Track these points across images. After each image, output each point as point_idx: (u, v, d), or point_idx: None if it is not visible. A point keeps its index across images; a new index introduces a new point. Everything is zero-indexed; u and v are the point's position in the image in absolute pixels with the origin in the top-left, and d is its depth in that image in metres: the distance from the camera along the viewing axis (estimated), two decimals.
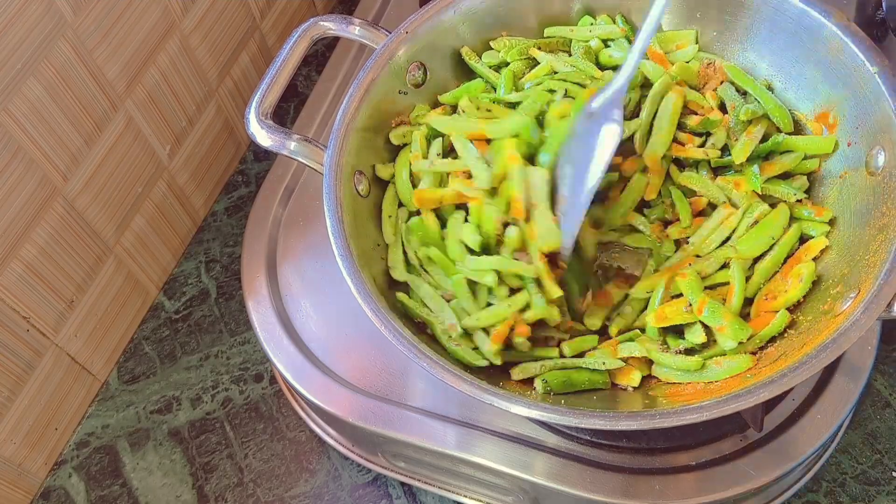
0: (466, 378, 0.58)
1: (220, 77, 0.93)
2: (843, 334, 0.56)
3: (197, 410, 0.84)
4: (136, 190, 0.85)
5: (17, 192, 0.71)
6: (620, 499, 0.66)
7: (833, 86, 0.69)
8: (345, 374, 0.74)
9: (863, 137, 0.66)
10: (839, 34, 0.67)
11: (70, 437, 0.84)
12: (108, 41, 0.76)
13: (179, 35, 0.85)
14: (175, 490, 0.80)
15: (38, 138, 0.72)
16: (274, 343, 0.76)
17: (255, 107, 0.68)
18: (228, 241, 0.95)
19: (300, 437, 0.82)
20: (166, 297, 0.92)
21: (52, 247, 0.76)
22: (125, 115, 0.81)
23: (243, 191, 0.98)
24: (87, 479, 0.82)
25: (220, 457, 0.82)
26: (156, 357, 0.88)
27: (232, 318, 0.90)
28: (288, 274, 0.80)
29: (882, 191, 0.63)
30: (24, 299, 0.74)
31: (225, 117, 0.96)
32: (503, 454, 0.68)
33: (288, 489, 0.79)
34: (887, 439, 0.76)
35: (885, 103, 0.64)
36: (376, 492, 0.79)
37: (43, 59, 0.70)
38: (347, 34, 0.73)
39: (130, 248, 0.86)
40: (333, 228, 0.64)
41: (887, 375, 0.78)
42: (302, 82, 1.05)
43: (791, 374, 0.55)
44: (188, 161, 0.91)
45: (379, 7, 0.98)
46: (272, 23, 1.00)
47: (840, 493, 0.74)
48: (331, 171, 0.66)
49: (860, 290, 0.59)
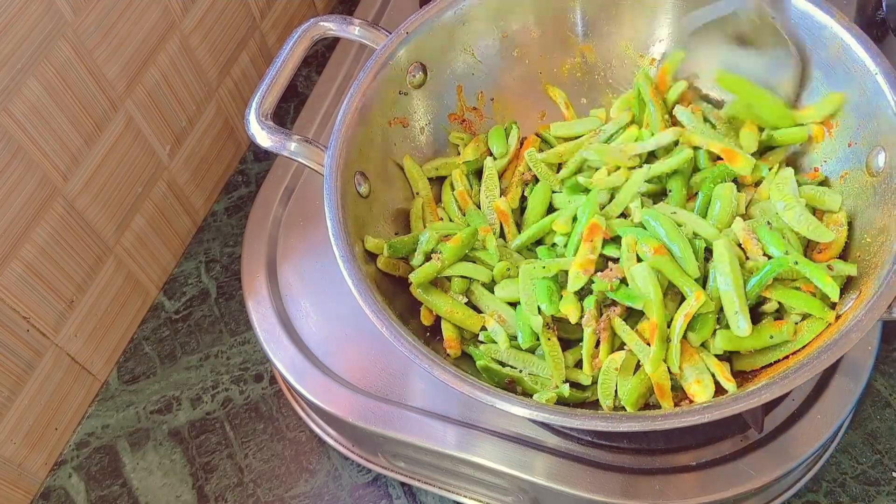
0: (466, 378, 0.58)
1: (220, 77, 0.93)
2: (844, 336, 0.56)
3: (197, 410, 0.84)
4: (136, 190, 0.85)
5: (17, 192, 0.71)
6: (620, 499, 0.66)
7: (834, 86, 0.69)
8: (345, 374, 0.74)
9: (863, 138, 0.66)
10: (840, 35, 0.67)
11: (70, 437, 0.84)
12: (108, 41, 0.76)
13: (179, 35, 0.85)
14: (175, 490, 0.80)
15: (38, 138, 0.72)
16: (274, 343, 0.76)
17: (254, 107, 0.68)
18: (228, 241, 0.95)
19: (300, 437, 0.82)
20: (166, 297, 0.92)
21: (52, 247, 0.76)
22: (125, 115, 0.81)
23: (243, 191, 0.98)
24: (87, 479, 0.82)
25: (220, 457, 0.82)
26: (156, 357, 0.88)
27: (232, 318, 0.90)
28: (288, 274, 0.80)
29: (883, 191, 0.63)
30: (24, 299, 0.74)
31: (225, 117, 0.96)
32: (503, 454, 0.68)
33: (288, 489, 0.79)
34: (887, 439, 0.76)
35: (885, 104, 0.64)
36: (376, 492, 0.79)
37: (43, 59, 0.70)
38: (347, 34, 0.73)
39: (130, 248, 0.86)
40: (334, 229, 0.64)
41: (887, 375, 0.78)
42: (302, 83, 1.05)
43: (792, 376, 0.55)
44: (188, 161, 0.91)
45: (379, 7, 0.98)
46: (272, 23, 1.00)
47: (840, 494, 0.74)
48: (331, 172, 0.66)
49: (861, 292, 0.59)
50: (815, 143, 0.71)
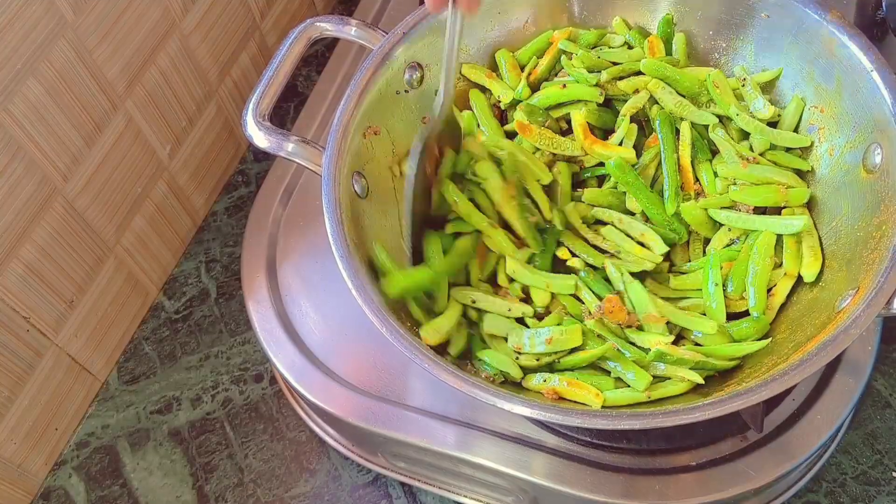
0: (466, 378, 0.58)
1: (220, 77, 0.93)
2: (843, 332, 0.56)
3: (197, 410, 0.84)
4: (136, 190, 0.85)
5: (17, 193, 0.71)
6: (620, 499, 0.66)
7: (830, 84, 0.69)
8: (345, 374, 0.74)
9: (859, 135, 0.66)
10: (836, 33, 0.67)
11: (70, 438, 0.84)
12: (108, 41, 0.76)
13: (179, 35, 0.85)
14: (175, 490, 0.80)
15: (38, 138, 0.72)
16: (274, 343, 0.76)
17: (251, 108, 0.68)
18: (228, 241, 0.95)
19: (300, 437, 0.82)
20: (166, 297, 0.92)
21: (52, 247, 0.76)
22: (125, 115, 0.81)
23: (243, 191, 0.98)
24: (87, 480, 0.82)
25: (221, 457, 0.82)
26: (156, 357, 0.88)
27: (232, 318, 0.90)
28: (288, 274, 0.80)
29: (879, 188, 0.63)
30: (24, 299, 0.74)
31: (225, 117, 0.96)
32: (503, 454, 0.68)
33: (288, 489, 0.79)
34: (887, 439, 0.75)
35: (881, 101, 0.64)
36: (376, 492, 0.79)
37: (43, 59, 0.70)
38: (344, 35, 0.74)
39: (130, 248, 0.86)
40: (333, 230, 0.64)
41: (887, 375, 0.78)
42: (302, 83, 1.05)
43: (791, 373, 0.55)
44: (188, 161, 0.91)
45: (379, 7, 0.98)
46: (272, 23, 1.00)
47: (840, 494, 0.74)
48: (329, 173, 0.66)
49: (859, 288, 0.59)
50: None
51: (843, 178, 0.67)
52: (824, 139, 0.70)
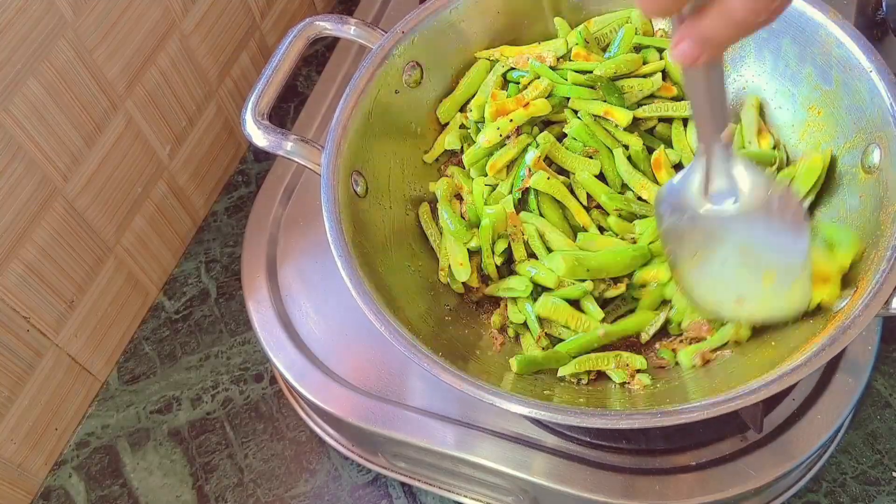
0: (466, 378, 0.58)
1: (220, 77, 0.93)
2: (842, 332, 0.56)
3: (197, 410, 0.84)
4: (136, 190, 0.85)
5: (17, 193, 0.71)
6: (620, 499, 0.66)
7: (828, 84, 0.69)
8: (345, 374, 0.74)
9: (858, 135, 0.66)
10: (834, 33, 0.67)
11: (70, 438, 0.84)
12: (108, 41, 0.76)
13: (179, 35, 0.85)
14: (175, 490, 0.80)
15: (38, 138, 0.72)
16: (274, 343, 0.76)
17: (250, 107, 0.68)
18: (228, 241, 0.95)
19: (300, 437, 0.82)
20: (166, 297, 0.92)
21: (52, 247, 0.76)
22: (125, 115, 0.81)
23: (243, 191, 0.98)
24: (87, 479, 0.82)
25: (221, 457, 0.82)
26: (156, 357, 0.88)
27: (232, 318, 0.90)
28: (288, 274, 0.80)
29: (878, 188, 0.63)
30: (24, 299, 0.74)
31: (225, 117, 0.96)
32: (503, 454, 0.68)
33: (288, 489, 0.79)
34: (887, 439, 0.75)
35: (879, 101, 0.64)
36: (376, 492, 0.79)
37: (43, 59, 0.70)
38: (343, 34, 0.73)
39: (130, 248, 0.86)
40: (332, 229, 0.64)
41: (887, 375, 0.78)
42: (302, 82, 1.05)
43: (790, 373, 0.55)
44: (188, 161, 0.91)
45: (379, 7, 0.98)
46: (272, 23, 1.00)
47: (840, 494, 0.74)
48: (328, 172, 0.66)
49: (858, 288, 0.59)
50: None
51: (842, 179, 0.67)
52: (822, 140, 0.70)
